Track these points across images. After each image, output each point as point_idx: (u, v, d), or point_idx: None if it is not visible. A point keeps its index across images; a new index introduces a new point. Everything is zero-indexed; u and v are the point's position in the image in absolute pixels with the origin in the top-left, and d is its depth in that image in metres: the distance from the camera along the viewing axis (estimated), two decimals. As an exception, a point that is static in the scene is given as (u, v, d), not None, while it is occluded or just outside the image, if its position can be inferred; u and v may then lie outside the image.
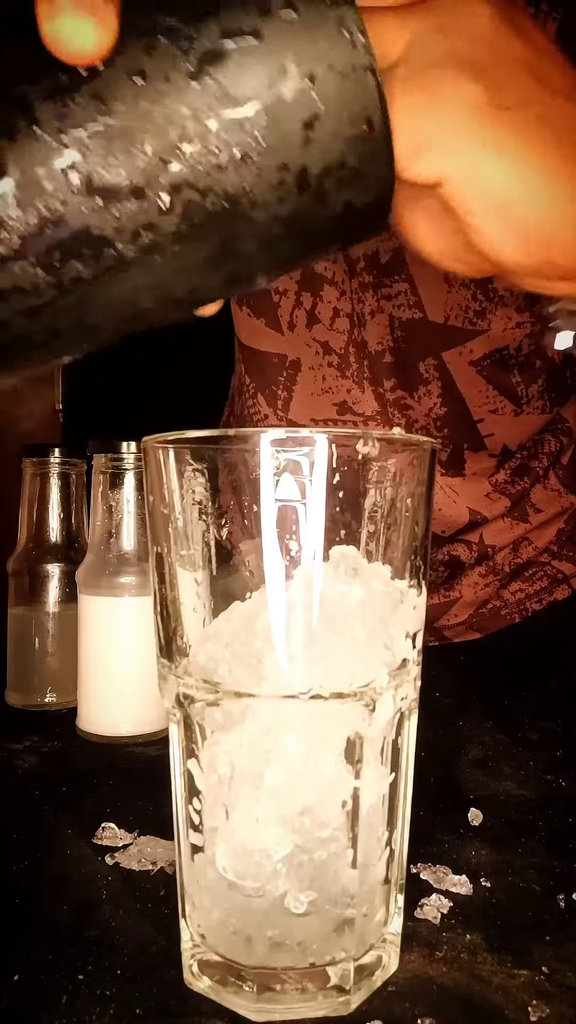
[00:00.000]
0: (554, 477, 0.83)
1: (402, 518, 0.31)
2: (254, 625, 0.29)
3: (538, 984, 0.31)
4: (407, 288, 0.74)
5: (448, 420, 0.79)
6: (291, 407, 0.83)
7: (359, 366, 0.79)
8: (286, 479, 0.29)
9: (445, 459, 0.81)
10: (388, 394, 0.79)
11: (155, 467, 0.32)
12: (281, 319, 0.80)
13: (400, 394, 0.79)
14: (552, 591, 0.85)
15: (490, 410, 0.78)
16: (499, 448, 0.81)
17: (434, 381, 0.77)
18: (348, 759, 0.29)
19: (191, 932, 0.32)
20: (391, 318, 0.76)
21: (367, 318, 0.77)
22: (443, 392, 0.78)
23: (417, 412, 0.79)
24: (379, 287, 0.75)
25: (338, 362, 0.79)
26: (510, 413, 0.79)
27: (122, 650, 0.58)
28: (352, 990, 0.30)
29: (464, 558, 0.84)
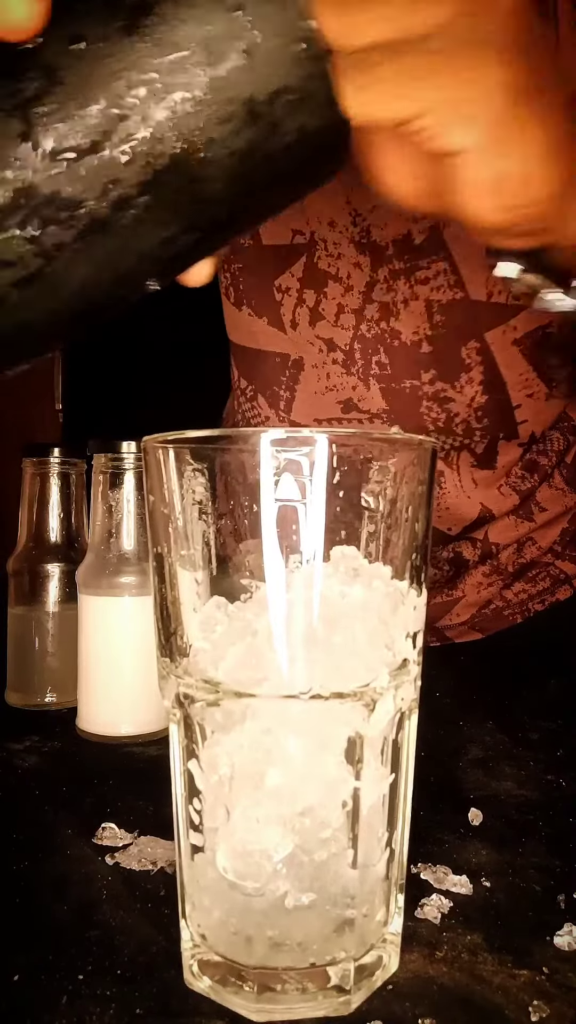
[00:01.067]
0: (559, 476, 0.83)
1: (402, 518, 0.31)
2: (255, 625, 0.29)
3: (539, 984, 0.31)
4: (446, 267, 0.73)
5: (488, 409, 0.77)
6: (293, 407, 0.82)
7: (366, 363, 0.78)
8: (286, 479, 0.29)
9: (480, 452, 0.79)
10: (426, 387, 0.77)
11: (155, 467, 0.32)
12: (284, 317, 0.79)
13: (440, 386, 0.77)
14: (555, 591, 0.84)
15: (527, 394, 0.77)
16: (528, 436, 0.80)
17: (476, 367, 0.76)
18: (348, 759, 0.29)
19: (191, 932, 0.32)
20: (428, 303, 0.74)
21: (399, 308, 0.75)
22: (485, 378, 0.76)
23: (458, 404, 0.77)
24: (413, 271, 0.74)
25: (343, 359, 0.78)
26: (543, 397, 0.78)
27: (122, 650, 0.58)
28: (352, 990, 0.30)
29: (468, 556, 0.83)
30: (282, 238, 0.77)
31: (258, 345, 0.82)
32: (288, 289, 0.78)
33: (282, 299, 0.79)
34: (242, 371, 0.86)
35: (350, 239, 0.74)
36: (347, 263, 0.75)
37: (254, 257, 0.80)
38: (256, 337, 0.82)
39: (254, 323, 0.82)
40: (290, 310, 0.79)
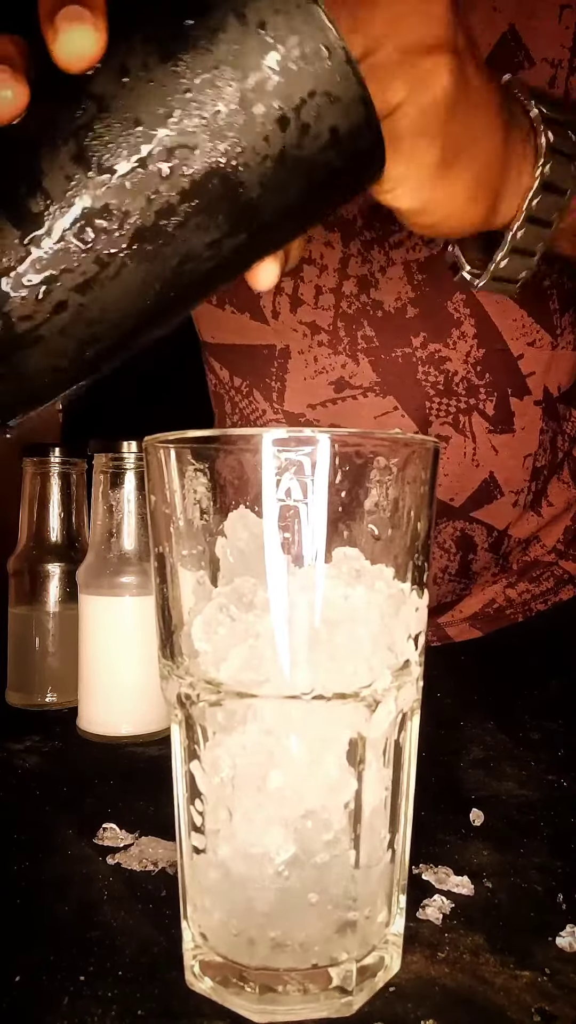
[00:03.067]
0: (567, 469, 0.82)
1: (404, 518, 0.31)
2: (257, 626, 0.29)
3: (541, 985, 0.31)
4: None
5: (488, 362, 0.76)
6: (285, 397, 0.82)
7: (351, 339, 0.77)
8: (288, 479, 0.28)
9: (492, 412, 0.78)
10: (419, 352, 0.76)
11: (157, 467, 0.32)
12: (265, 309, 0.80)
13: (433, 348, 0.76)
14: (558, 592, 0.84)
15: (528, 343, 0.76)
16: (542, 391, 0.78)
17: (466, 320, 0.75)
18: (350, 760, 0.29)
19: (192, 933, 0.31)
20: (407, 265, 0.74)
21: (378, 277, 0.75)
22: (478, 330, 0.75)
23: (455, 363, 0.76)
24: (386, 237, 0.74)
25: (328, 339, 0.78)
26: (548, 346, 0.76)
27: (123, 650, 0.57)
28: (354, 991, 0.30)
29: (478, 542, 0.82)
30: None
31: (245, 340, 0.82)
32: None
33: (260, 292, 0.79)
34: (233, 370, 0.85)
35: None
36: (318, 244, 0.75)
37: None
38: (242, 333, 0.82)
39: (238, 319, 0.82)
40: (270, 301, 0.79)
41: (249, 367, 0.84)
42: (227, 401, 0.88)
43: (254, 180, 0.30)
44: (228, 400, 0.88)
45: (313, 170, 0.31)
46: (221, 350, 0.86)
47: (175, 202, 0.30)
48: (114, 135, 0.29)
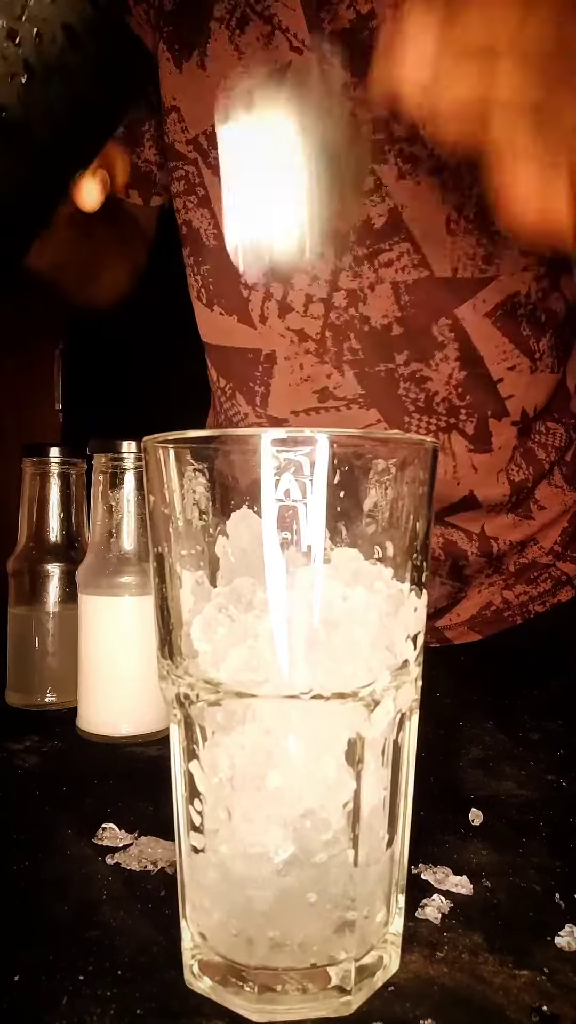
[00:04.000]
0: (559, 473, 0.83)
1: (403, 519, 0.31)
2: (256, 626, 0.29)
3: (539, 985, 0.31)
4: (408, 247, 0.73)
5: (469, 384, 0.77)
6: (269, 401, 0.82)
7: (338, 350, 0.78)
8: (286, 479, 0.28)
9: (472, 432, 0.78)
10: (401, 369, 0.77)
11: (156, 467, 0.32)
12: (252, 313, 0.80)
13: (415, 367, 0.77)
14: (556, 593, 0.84)
15: (508, 367, 0.77)
16: (519, 413, 0.79)
17: (450, 344, 0.76)
18: (349, 760, 0.29)
19: (192, 933, 0.32)
20: (395, 285, 0.75)
21: (366, 293, 0.75)
22: (461, 353, 0.76)
23: (436, 383, 0.77)
24: (376, 255, 0.74)
25: (315, 348, 0.78)
26: (527, 370, 0.78)
27: (122, 650, 0.57)
28: (353, 991, 0.30)
29: (463, 547, 0.82)
30: None
31: (231, 343, 0.82)
32: (254, 286, 0.78)
33: (249, 295, 0.79)
34: (219, 370, 0.86)
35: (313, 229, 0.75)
36: (312, 255, 0.76)
37: (220, 256, 0.80)
38: (229, 335, 0.82)
39: (226, 321, 0.82)
40: (258, 305, 0.79)
41: (234, 369, 0.84)
42: (216, 401, 0.89)
43: (11, 101, 0.30)
44: (216, 400, 0.89)
45: (68, 75, 0.30)
46: (211, 349, 0.87)
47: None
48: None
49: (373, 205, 0.73)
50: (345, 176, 0.72)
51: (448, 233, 0.72)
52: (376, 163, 0.72)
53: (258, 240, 0.77)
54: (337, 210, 0.74)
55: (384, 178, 0.72)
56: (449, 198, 0.71)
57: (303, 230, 0.75)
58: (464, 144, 0.40)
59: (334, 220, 0.74)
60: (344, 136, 0.70)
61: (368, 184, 0.72)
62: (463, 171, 0.71)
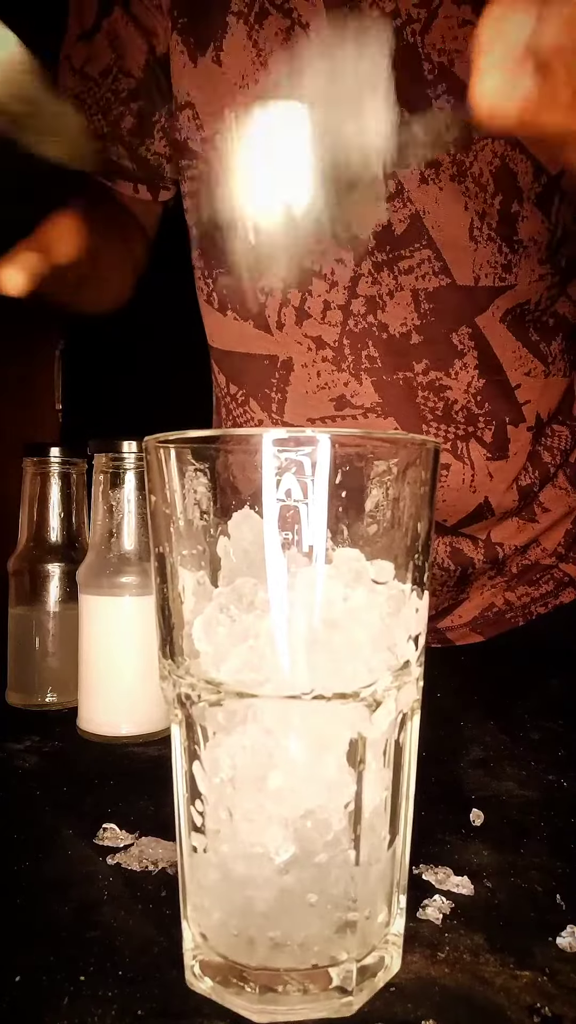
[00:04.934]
0: (562, 476, 0.83)
1: (404, 519, 0.31)
2: (257, 626, 0.29)
3: (541, 985, 0.31)
4: (430, 255, 0.73)
5: (488, 392, 0.77)
6: (285, 409, 0.81)
7: (356, 358, 0.77)
8: (288, 479, 0.28)
9: (490, 440, 0.78)
10: (420, 377, 0.76)
11: (157, 467, 0.32)
12: (269, 319, 0.79)
13: (434, 376, 0.76)
14: (558, 595, 0.84)
15: (524, 373, 0.77)
16: (534, 418, 0.79)
17: (469, 352, 0.75)
18: (350, 761, 0.29)
19: (192, 933, 0.31)
20: (415, 293, 0.74)
21: (386, 300, 0.75)
22: (480, 361, 0.76)
23: (455, 391, 0.77)
24: (396, 261, 0.73)
25: (333, 356, 0.78)
26: (541, 375, 0.77)
27: (122, 650, 0.57)
28: (354, 991, 0.30)
29: (470, 553, 0.83)
30: None
31: (246, 349, 0.82)
32: (271, 290, 0.78)
33: (266, 300, 0.78)
34: (231, 376, 0.85)
35: (331, 235, 0.74)
36: (330, 259, 0.75)
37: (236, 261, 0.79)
38: (243, 341, 0.82)
39: (240, 327, 0.81)
40: (275, 311, 0.78)
41: (248, 376, 0.83)
42: (223, 407, 0.88)
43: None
44: (224, 406, 0.87)
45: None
46: (221, 355, 0.85)
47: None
48: None
49: (394, 210, 0.72)
50: (365, 180, 0.72)
51: (471, 240, 0.72)
52: (398, 167, 0.71)
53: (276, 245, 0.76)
54: (357, 215, 0.73)
55: (406, 183, 0.71)
56: (472, 205, 0.71)
57: (322, 235, 0.74)
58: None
59: (354, 225, 0.74)
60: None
61: (389, 188, 0.72)
62: (486, 178, 0.71)
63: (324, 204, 0.69)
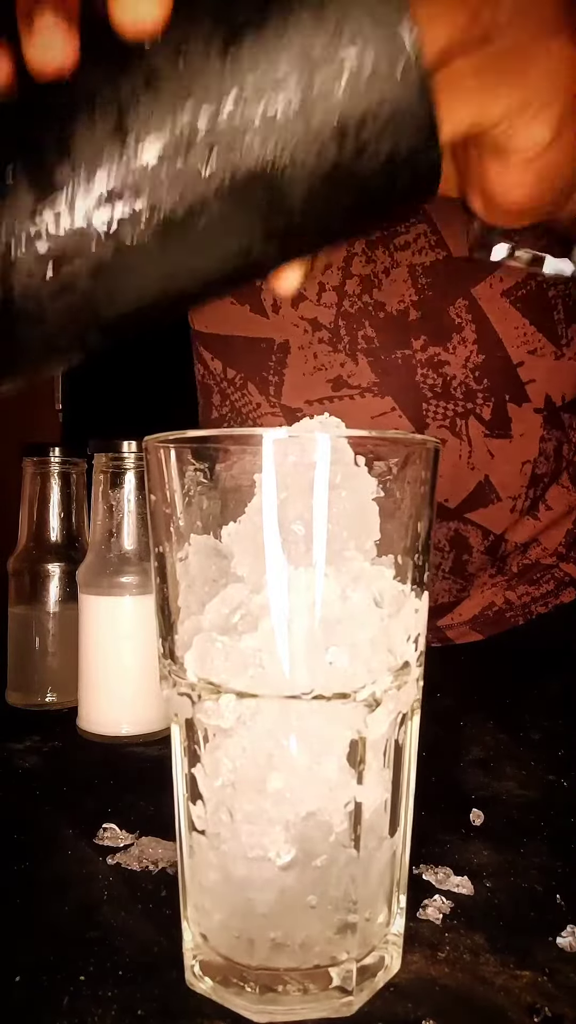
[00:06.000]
0: (567, 474, 0.82)
1: (404, 518, 0.31)
2: (257, 625, 0.29)
3: (541, 985, 0.31)
4: (426, 228, 0.73)
5: (487, 368, 0.76)
6: (283, 391, 0.81)
7: (352, 338, 0.77)
8: (288, 479, 0.28)
9: (488, 417, 0.77)
10: (419, 354, 0.76)
11: (157, 466, 0.32)
12: (265, 302, 0.79)
13: (433, 351, 0.76)
14: (558, 594, 0.84)
15: (529, 351, 0.76)
16: (543, 400, 0.78)
17: (467, 326, 0.75)
18: (351, 761, 0.29)
19: (193, 933, 0.31)
20: (411, 268, 0.74)
21: (381, 278, 0.75)
22: (478, 335, 0.75)
23: (454, 367, 0.76)
24: (392, 237, 0.73)
25: (329, 337, 0.78)
26: (551, 355, 0.76)
27: (123, 650, 0.57)
28: (355, 991, 0.30)
29: (473, 543, 0.82)
30: None
31: (243, 332, 0.82)
32: None
33: (261, 284, 0.78)
34: (227, 361, 0.85)
35: None
36: None
37: None
38: (239, 324, 0.82)
39: (237, 310, 0.81)
40: (270, 294, 0.79)
41: (245, 359, 0.83)
42: (216, 392, 0.87)
43: (298, 192, 0.28)
44: (218, 391, 0.87)
45: (363, 189, 0.29)
46: (214, 340, 0.85)
47: (210, 199, 0.28)
48: (159, 114, 0.26)
49: None
50: None
51: (465, 211, 0.72)
52: None
53: None
54: None
55: None
56: None
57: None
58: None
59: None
60: None
61: None
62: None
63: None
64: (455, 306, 0.75)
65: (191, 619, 0.30)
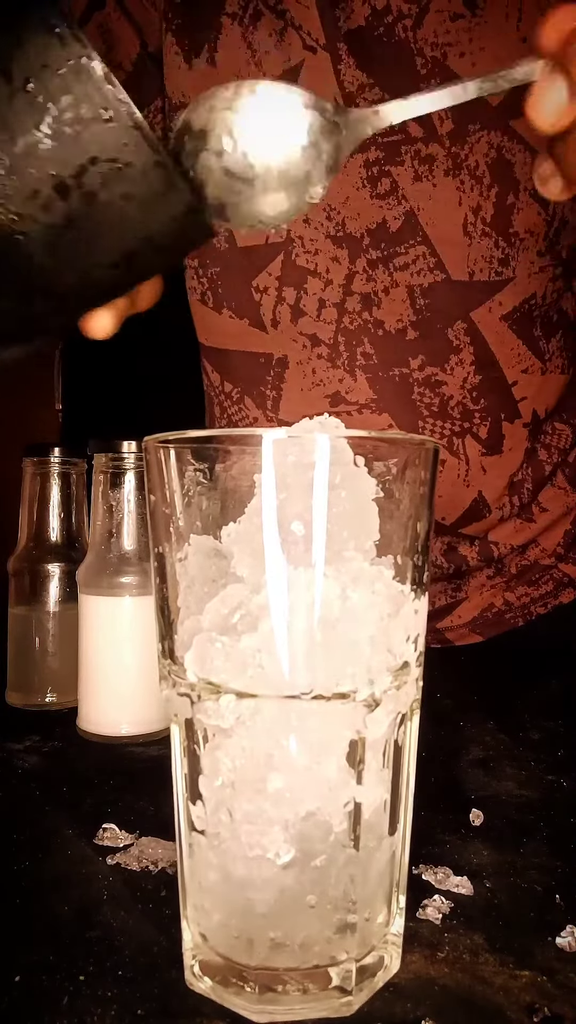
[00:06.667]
0: (561, 475, 0.83)
1: (403, 519, 0.31)
2: (256, 625, 0.29)
3: (540, 985, 0.31)
4: (424, 251, 0.73)
5: (484, 388, 0.77)
6: (281, 406, 0.81)
7: (351, 355, 0.77)
8: (287, 479, 0.28)
9: (485, 436, 0.79)
10: (416, 373, 0.77)
11: (156, 467, 0.32)
12: (264, 317, 0.79)
13: (430, 371, 0.77)
14: (557, 595, 0.84)
15: (522, 370, 0.77)
16: (531, 415, 0.79)
17: (465, 348, 0.76)
18: (350, 761, 0.29)
19: (192, 933, 0.31)
20: (410, 289, 0.74)
21: (381, 297, 0.75)
22: (476, 357, 0.76)
23: (451, 387, 0.77)
24: (392, 258, 0.74)
25: (328, 353, 0.78)
26: (538, 372, 0.78)
27: (123, 650, 0.57)
28: (354, 991, 0.30)
29: (464, 552, 0.83)
30: (257, 239, 0.77)
31: (241, 347, 0.82)
32: (266, 289, 0.78)
33: (260, 299, 0.78)
34: (224, 375, 0.85)
35: (326, 234, 0.75)
36: (325, 258, 0.75)
37: (230, 259, 0.79)
38: (237, 339, 0.82)
39: (236, 325, 0.81)
40: (270, 309, 0.78)
41: (243, 373, 0.83)
42: (216, 404, 0.87)
43: (39, 247, 0.27)
44: (217, 404, 0.87)
45: (114, 235, 0.28)
46: (214, 353, 0.85)
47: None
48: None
49: (389, 208, 0.72)
50: (359, 179, 0.72)
51: (465, 235, 0.72)
52: (392, 165, 0.71)
53: (272, 243, 0.76)
54: (350, 213, 0.74)
55: (400, 180, 0.71)
56: (466, 200, 0.71)
57: (316, 234, 0.74)
58: None
59: (348, 223, 0.74)
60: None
61: (384, 186, 0.72)
62: (482, 170, 0.70)
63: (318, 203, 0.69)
64: (453, 328, 0.75)
65: (191, 619, 0.31)
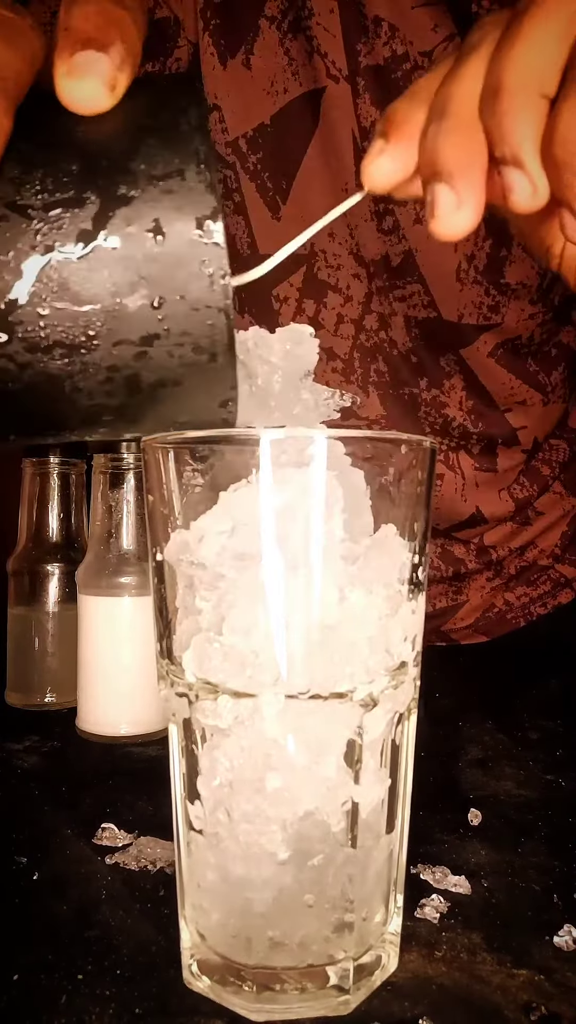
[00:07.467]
0: (558, 482, 0.83)
1: (401, 519, 0.31)
2: (254, 625, 0.29)
3: (537, 984, 0.31)
4: (419, 289, 0.74)
5: (479, 412, 0.78)
6: None
7: (364, 371, 0.78)
8: (286, 479, 0.28)
9: (477, 453, 0.80)
10: (423, 393, 0.78)
11: (155, 467, 0.32)
12: (281, 327, 0.79)
13: (435, 392, 0.78)
14: (556, 595, 0.85)
15: (517, 401, 0.78)
16: (531, 442, 0.80)
17: (456, 375, 0.77)
18: (348, 761, 0.29)
19: (190, 932, 0.32)
20: (407, 319, 0.75)
21: (390, 320, 0.76)
22: (466, 385, 0.77)
23: (452, 409, 0.78)
24: (392, 289, 0.75)
25: (342, 368, 0.78)
26: (539, 403, 0.78)
27: (122, 650, 0.58)
28: (352, 990, 0.30)
29: (460, 555, 0.83)
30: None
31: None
32: (286, 299, 0.78)
33: (280, 308, 0.78)
34: None
35: (349, 251, 0.75)
36: (347, 274, 0.76)
37: (252, 266, 0.79)
38: None
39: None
40: (288, 319, 0.79)
41: None
42: None
43: (76, 413, 0.28)
44: None
45: (150, 422, 0.30)
46: None
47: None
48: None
49: (391, 244, 0.73)
50: (368, 212, 0.72)
51: (457, 281, 0.72)
52: (395, 204, 0.71)
53: (295, 254, 0.76)
54: (362, 239, 0.74)
55: (401, 219, 0.72)
56: (461, 247, 0.71)
57: (340, 250, 0.75)
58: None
59: (361, 248, 0.74)
60: None
61: (388, 223, 0.72)
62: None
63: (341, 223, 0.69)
64: (444, 358, 0.77)
65: (189, 619, 0.31)
